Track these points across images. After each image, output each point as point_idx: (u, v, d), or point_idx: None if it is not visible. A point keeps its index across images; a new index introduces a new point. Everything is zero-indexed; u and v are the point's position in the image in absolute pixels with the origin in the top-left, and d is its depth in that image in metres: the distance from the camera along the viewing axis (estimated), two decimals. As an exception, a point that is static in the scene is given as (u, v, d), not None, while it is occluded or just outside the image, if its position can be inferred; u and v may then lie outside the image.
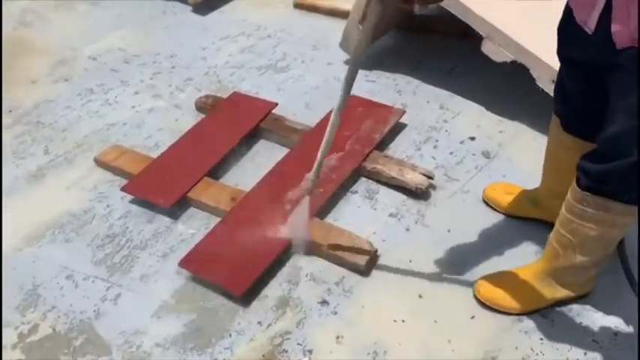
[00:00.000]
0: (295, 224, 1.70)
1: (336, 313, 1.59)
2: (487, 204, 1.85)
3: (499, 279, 1.58)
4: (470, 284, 1.63)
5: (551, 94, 1.90)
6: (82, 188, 2.05)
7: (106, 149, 2.15)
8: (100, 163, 2.12)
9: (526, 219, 1.78)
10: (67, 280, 1.74)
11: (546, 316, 1.54)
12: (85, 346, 1.57)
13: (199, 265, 1.68)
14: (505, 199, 1.81)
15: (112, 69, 2.66)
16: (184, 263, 1.69)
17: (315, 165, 1.58)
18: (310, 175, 1.60)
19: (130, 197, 1.98)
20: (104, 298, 1.69)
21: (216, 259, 1.68)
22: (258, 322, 1.58)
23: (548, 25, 1.40)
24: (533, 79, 1.98)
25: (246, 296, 1.63)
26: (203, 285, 1.68)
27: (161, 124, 2.32)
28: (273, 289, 1.66)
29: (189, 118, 2.32)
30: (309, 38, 2.74)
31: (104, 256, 1.81)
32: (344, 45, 2.49)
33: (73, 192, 2.04)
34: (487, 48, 2.07)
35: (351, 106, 2.20)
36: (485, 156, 2.03)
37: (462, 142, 2.10)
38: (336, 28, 2.56)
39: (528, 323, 1.54)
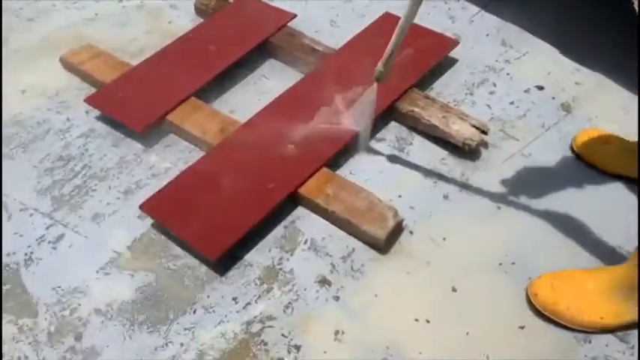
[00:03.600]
0: (358, 116, 1.43)
1: (338, 298, 1.19)
2: (578, 156, 1.43)
3: (566, 281, 1.16)
4: (523, 282, 1.21)
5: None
6: (41, 93, 1.63)
7: (76, 48, 1.70)
8: (66, 64, 1.68)
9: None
10: (-1, 208, 1.35)
11: (624, 339, 1.13)
12: (5, 301, 1.19)
13: (167, 212, 1.27)
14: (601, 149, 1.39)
15: (101, -47, 2.17)
16: (148, 206, 1.29)
17: (388, 48, 1.29)
18: (379, 66, 1.31)
19: (97, 112, 1.56)
20: (42, 238, 1.30)
21: (189, 207, 1.27)
22: (234, 299, 1.18)
23: None
24: (635, 16, 1.48)
25: (223, 261, 1.23)
26: (169, 237, 1.29)
27: (151, 25, 1.86)
28: (260, 256, 1.25)
29: (186, 22, 1.85)
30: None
31: (52, 183, 1.41)
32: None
33: (28, 97, 1.62)
34: (580, -31, 1.55)
35: (388, 29, 1.72)
36: (564, 109, 1.56)
37: (526, 91, 1.62)
38: None
39: (599, 345, 1.12)
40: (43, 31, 1.83)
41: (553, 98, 1.60)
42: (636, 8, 1.34)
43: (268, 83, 1.66)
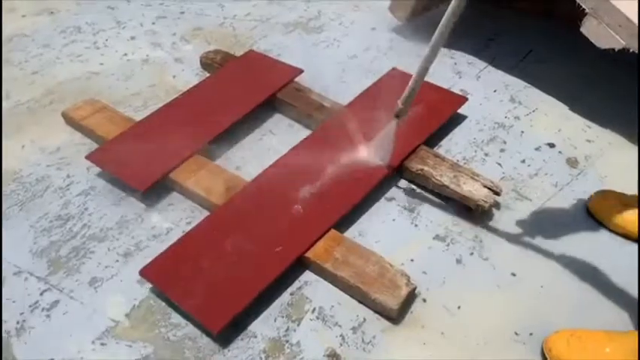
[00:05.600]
0: (379, 149, 1.46)
1: (348, 373, 1.12)
2: (594, 218, 1.39)
3: (583, 340, 1.10)
4: (541, 355, 1.14)
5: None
6: (41, 149, 1.60)
7: (78, 103, 1.68)
8: (68, 119, 1.65)
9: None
10: (-7, 272, 1.29)
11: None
12: (-6, 375, 1.12)
13: (167, 278, 1.21)
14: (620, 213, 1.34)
15: (108, 6, 2.19)
16: (147, 272, 1.23)
17: (410, 83, 1.33)
18: (399, 103, 1.36)
19: (97, 169, 1.52)
20: (35, 305, 1.23)
21: (191, 273, 1.21)
22: (237, 374, 1.12)
23: None
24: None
25: (226, 330, 1.16)
26: (169, 304, 1.22)
27: (155, 79, 1.84)
28: (265, 326, 1.19)
29: (191, 77, 1.84)
30: (351, -4, 2.23)
31: (48, 244, 1.35)
32: (394, 7, 1.99)
33: (28, 152, 1.59)
34: (590, 28, 1.53)
35: (397, 85, 1.70)
36: (577, 168, 1.53)
37: (537, 149, 1.59)
38: (388, -14, 2.05)
39: None
40: (47, 84, 1.81)
41: (565, 156, 1.57)
42: None
43: (275, 139, 1.63)
